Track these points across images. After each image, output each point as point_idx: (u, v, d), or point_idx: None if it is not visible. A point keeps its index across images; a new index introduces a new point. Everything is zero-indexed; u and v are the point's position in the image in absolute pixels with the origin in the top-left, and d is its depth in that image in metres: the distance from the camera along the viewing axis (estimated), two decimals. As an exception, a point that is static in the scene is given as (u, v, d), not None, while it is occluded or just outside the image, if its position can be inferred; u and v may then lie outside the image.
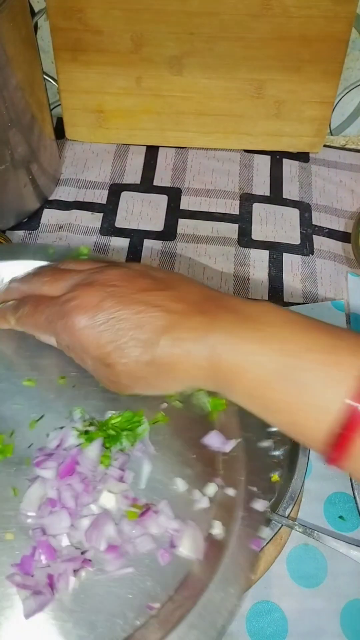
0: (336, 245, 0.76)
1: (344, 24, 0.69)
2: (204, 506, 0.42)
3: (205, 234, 0.76)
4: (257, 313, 0.37)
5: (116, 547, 0.40)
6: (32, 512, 0.41)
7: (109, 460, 0.42)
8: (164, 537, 0.40)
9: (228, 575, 0.38)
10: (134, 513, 0.41)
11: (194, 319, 0.37)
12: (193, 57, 0.73)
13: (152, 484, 0.43)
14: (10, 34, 0.58)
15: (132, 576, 0.39)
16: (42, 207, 0.77)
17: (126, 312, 0.38)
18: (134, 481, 0.42)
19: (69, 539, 0.40)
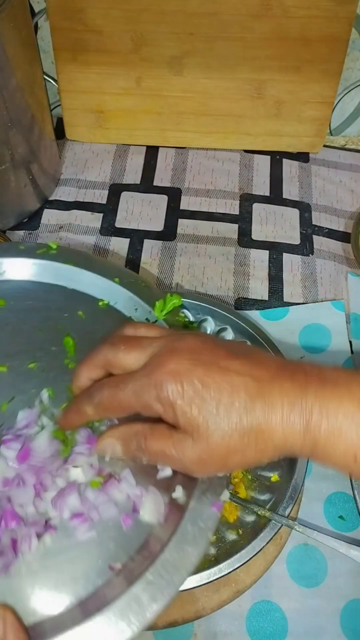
0: (336, 245, 0.76)
1: (344, 24, 0.69)
2: (167, 475, 0.43)
3: (205, 234, 0.76)
4: (338, 376, 0.38)
5: (80, 514, 0.42)
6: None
7: (68, 451, 0.44)
8: (127, 503, 0.43)
9: (187, 535, 0.40)
10: (97, 482, 0.43)
11: (284, 385, 0.37)
12: (193, 57, 0.73)
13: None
14: (10, 34, 0.58)
15: (95, 540, 0.41)
16: (42, 207, 0.77)
17: (216, 380, 0.37)
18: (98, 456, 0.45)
19: (34, 508, 0.42)
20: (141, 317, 0.54)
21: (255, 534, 0.52)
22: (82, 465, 0.43)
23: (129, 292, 0.55)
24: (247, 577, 0.53)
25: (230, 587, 0.53)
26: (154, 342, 0.41)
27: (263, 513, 0.53)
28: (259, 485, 0.56)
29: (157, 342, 0.41)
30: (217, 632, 0.52)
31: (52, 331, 0.52)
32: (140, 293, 0.55)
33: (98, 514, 0.42)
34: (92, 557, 0.41)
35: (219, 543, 0.53)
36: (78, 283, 0.56)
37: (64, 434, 0.45)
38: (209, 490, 0.42)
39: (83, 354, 0.48)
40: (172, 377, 0.37)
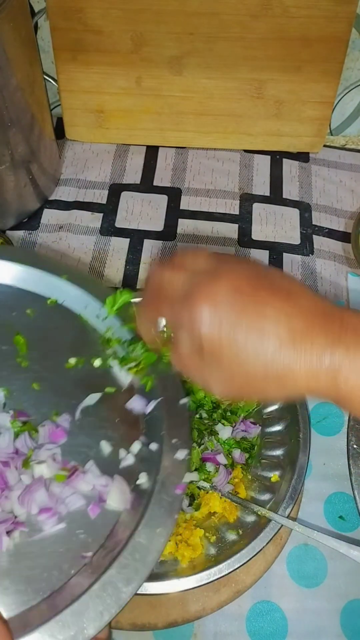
0: (336, 245, 0.76)
1: (344, 24, 0.69)
2: (129, 463, 0.45)
3: (205, 234, 0.76)
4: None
5: (48, 508, 0.43)
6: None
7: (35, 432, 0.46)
8: (93, 493, 0.44)
9: (154, 518, 0.42)
10: (62, 476, 0.44)
11: (316, 338, 0.37)
12: (193, 57, 0.73)
13: (79, 449, 0.46)
14: (10, 34, 0.58)
15: (65, 532, 0.42)
16: (42, 207, 0.77)
17: (251, 313, 0.37)
18: (62, 447, 0.46)
19: (0, 507, 0.43)
20: (91, 314, 0.54)
21: (255, 534, 0.52)
22: (46, 460, 0.44)
23: (78, 289, 0.55)
24: (247, 577, 0.53)
25: (230, 587, 0.53)
26: (198, 266, 0.41)
27: (263, 513, 0.53)
28: (259, 485, 0.56)
29: (201, 266, 0.41)
30: (217, 632, 0.52)
31: (1, 330, 0.52)
32: (90, 290, 0.55)
33: (66, 507, 0.43)
34: (64, 549, 0.42)
35: (219, 543, 0.53)
36: (25, 281, 0.56)
37: (23, 428, 0.46)
38: (173, 475, 0.44)
39: (34, 352, 0.50)
40: (207, 298, 0.37)
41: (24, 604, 0.39)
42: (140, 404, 0.49)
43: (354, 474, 0.58)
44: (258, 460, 0.57)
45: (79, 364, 0.51)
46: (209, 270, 0.40)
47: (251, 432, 0.58)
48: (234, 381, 0.39)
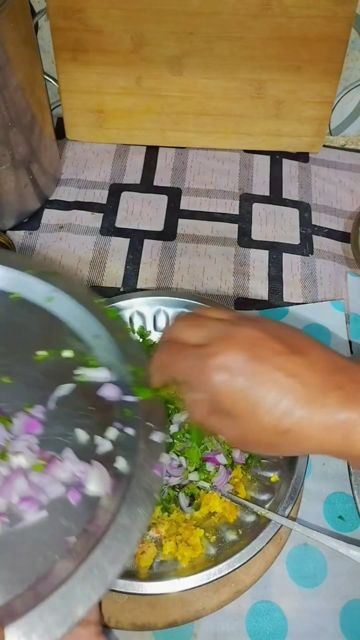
0: (336, 245, 0.76)
1: (343, 24, 0.69)
2: (106, 449, 0.46)
3: (205, 234, 0.76)
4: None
5: (29, 497, 0.43)
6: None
7: (10, 424, 0.46)
8: (73, 480, 0.44)
9: (135, 499, 0.42)
10: (40, 465, 0.44)
11: (331, 395, 0.37)
12: (193, 57, 0.73)
13: (55, 438, 0.46)
14: (10, 34, 0.58)
15: (46, 520, 0.43)
16: (43, 207, 0.77)
17: (265, 377, 0.38)
18: (38, 437, 0.46)
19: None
20: (57, 308, 0.54)
21: (255, 534, 0.52)
22: (22, 450, 0.45)
23: (42, 283, 0.55)
24: (247, 577, 0.53)
25: (230, 587, 0.53)
26: (215, 324, 0.42)
27: (263, 513, 0.53)
28: (259, 485, 0.56)
29: (217, 324, 0.41)
30: (217, 632, 0.53)
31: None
32: (56, 283, 0.55)
33: (46, 495, 0.43)
34: (46, 536, 0.42)
35: (219, 543, 0.53)
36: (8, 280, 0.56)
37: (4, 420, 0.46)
38: (150, 456, 0.45)
39: (2, 347, 0.51)
40: (221, 369, 0.38)
41: (8, 592, 0.39)
42: (113, 391, 0.49)
43: (354, 474, 0.58)
44: (258, 460, 0.57)
45: (50, 356, 0.51)
46: (225, 330, 0.41)
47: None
48: (249, 437, 0.39)
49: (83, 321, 0.54)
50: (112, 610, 0.52)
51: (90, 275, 0.72)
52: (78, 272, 0.72)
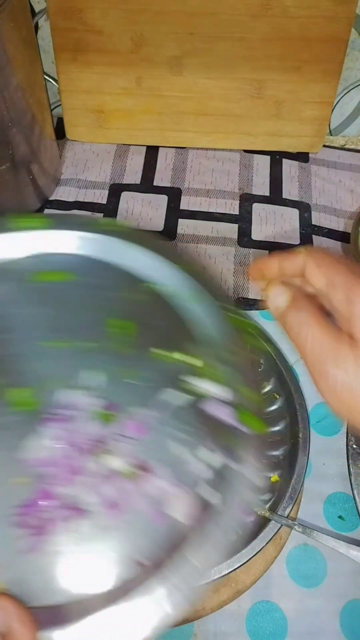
0: (336, 245, 0.76)
1: (343, 24, 0.69)
2: (204, 475, 0.43)
3: (205, 234, 0.76)
4: None
5: (113, 502, 0.42)
6: (35, 463, 0.43)
7: (111, 421, 0.44)
8: (159, 498, 0.42)
9: (212, 538, 0.40)
10: (131, 473, 0.42)
11: None
12: (193, 57, 0.73)
13: (156, 450, 0.44)
14: (10, 34, 0.58)
15: (123, 531, 0.41)
16: (43, 207, 0.77)
17: None
18: (138, 445, 0.44)
19: (67, 490, 0.42)
20: (187, 306, 0.51)
21: (255, 534, 0.52)
22: (120, 454, 0.43)
23: (187, 277, 0.52)
24: (247, 578, 0.53)
25: (230, 587, 0.53)
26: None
27: (263, 513, 0.53)
28: (258, 485, 0.56)
29: None
30: (217, 632, 0.53)
31: (116, 313, 0.50)
32: (200, 280, 0.52)
33: (130, 506, 0.42)
34: (119, 548, 0.41)
35: (219, 543, 0.53)
36: (151, 269, 0.53)
37: (109, 416, 0.44)
38: (241, 496, 0.41)
39: (144, 340, 0.47)
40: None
41: (71, 594, 0.38)
42: (225, 412, 0.45)
43: (354, 474, 0.58)
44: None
45: (166, 357, 0.47)
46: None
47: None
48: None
49: (210, 326, 0.49)
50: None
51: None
52: (78, 272, 0.72)
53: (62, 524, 0.40)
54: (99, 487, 0.42)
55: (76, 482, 0.42)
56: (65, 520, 0.41)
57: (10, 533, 0.41)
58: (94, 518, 0.41)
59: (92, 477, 0.42)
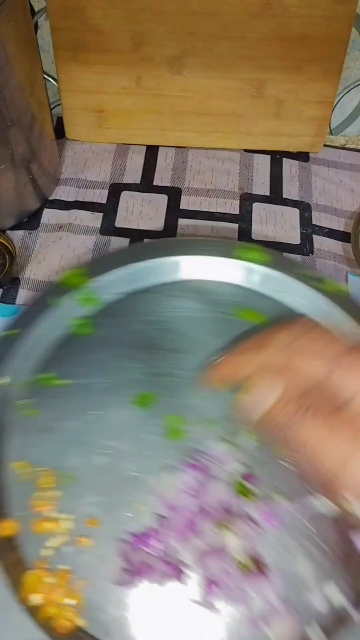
0: (336, 245, 0.76)
1: (344, 23, 0.69)
2: (318, 607, 0.39)
3: (205, 234, 0.76)
4: None
5: (212, 581, 0.39)
6: (161, 499, 0.42)
7: (249, 498, 0.41)
8: (262, 608, 0.39)
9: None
10: (247, 566, 0.39)
11: None
12: (193, 56, 0.73)
13: (281, 552, 0.40)
14: (10, 33, 0.58)
15: (211, 616, 0.39)
16: (42, 207, 0.77)
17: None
18: (263, 537, 0.40)
19: (176, 546, 0.40)
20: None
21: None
22: (241, 535, 0.40)
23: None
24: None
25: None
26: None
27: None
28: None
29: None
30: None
31: None
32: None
33: (227, 595, 0.39)
34: (199, 630, 0.39)
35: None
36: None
37: (246, 491, 0.41)
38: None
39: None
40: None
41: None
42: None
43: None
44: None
45: None
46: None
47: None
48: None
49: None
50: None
51: None
52: (78, 272, 0.72)
53: (156, 576, 0.39)
54: (206, 557, 0.39)
55: (187, 541, 0.39)
56: (160, 574, 0.39)
57: (110, 554, 0.40)
58: (186, 586, 0.39)
59: (203, 544, 0.39)
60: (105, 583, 0.40)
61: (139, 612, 0.39)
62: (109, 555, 0.41)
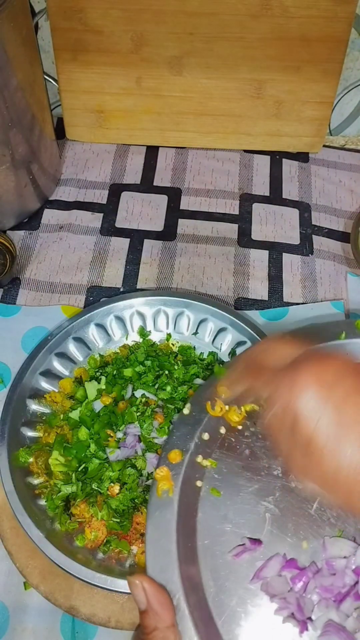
0: (335, 245, 0.76)
1: (343, 24, 0.69)
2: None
3: (205, 234, 0.76)
4: None
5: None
6: (329, 557, 0.42)
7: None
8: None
9: None
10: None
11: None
12: (193, 57, 0.73)
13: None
14: (10, 34, 0.58)
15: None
16: (43, 207, 0.77)
17: (353, 411, 0.33)
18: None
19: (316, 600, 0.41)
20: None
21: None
22: (318, 604, 0.41)
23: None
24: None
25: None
26: (308, 346, 0.39)
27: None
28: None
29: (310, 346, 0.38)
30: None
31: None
32: None
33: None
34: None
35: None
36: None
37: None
38: None
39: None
40: (314, 379, 0.35)
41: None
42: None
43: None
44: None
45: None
46: (320, 350, 0.38)
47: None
48: (318, 469, 0.35)
49: None
50: (112, 610, 0.52)
51: (90, 275, 0.72)
52: (78, 272, 0.72)
53: (284, 610, 0.40)
54: (332, 629, 0.40)
55: (326, 603, 0.41)
56: (287, 611, 0.40)
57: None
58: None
59: (337, 617, 0.40)
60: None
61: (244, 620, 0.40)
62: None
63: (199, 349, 0.65)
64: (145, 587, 0.39)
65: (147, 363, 0.62)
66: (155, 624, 0.38)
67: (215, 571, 0.42)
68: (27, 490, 0.55)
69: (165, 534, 0.43)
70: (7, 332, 0.67)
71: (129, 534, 0.54)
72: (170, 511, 0.44)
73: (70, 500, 0.55)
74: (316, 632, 0.40)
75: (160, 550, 0.42)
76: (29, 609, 0.54)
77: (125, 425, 0.57)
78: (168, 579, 0.40)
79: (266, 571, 0.42)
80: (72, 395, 0.61)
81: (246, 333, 0.62)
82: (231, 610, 0.41)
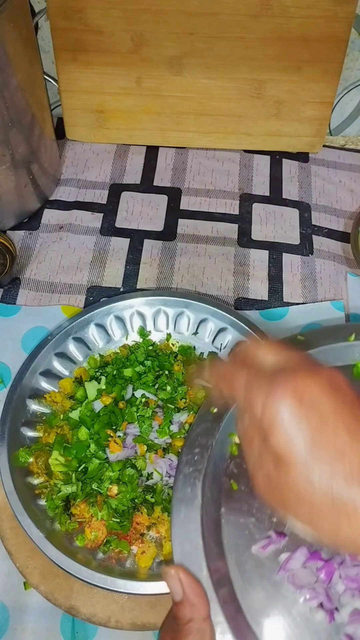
0: (335, 246, 0.76)
1: (343, 24, 0.69)
2: None
3: (205, 234, 0.76)
4: None
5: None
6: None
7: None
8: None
9: None
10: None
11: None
12: (193, 57, 0.73)
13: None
14: (10, 34, 0.58)
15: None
16: (43, 207, 0.77)
17: (330, 432, 0.32)
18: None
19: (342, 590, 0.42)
20: None
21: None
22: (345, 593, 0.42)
23: None
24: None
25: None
26: (295, 353, 0.37)
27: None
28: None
29: (298, 354, 0.37)
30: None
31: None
32: None
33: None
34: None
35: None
36: None
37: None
38: None
39: None
40: (293, 390, 0.33)
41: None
42: None
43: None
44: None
45: None
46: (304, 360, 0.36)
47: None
48: (281, 488, 0.34)
49: None
50: (112, 610, 0.53)
51: (90, 275, 0.72)
52: (78, 272, 0.72)
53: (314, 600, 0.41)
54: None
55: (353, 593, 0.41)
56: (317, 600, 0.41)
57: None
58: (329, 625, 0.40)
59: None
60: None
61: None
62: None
63: (199, 349, 0.65)
64: (182, 577, 0.39)
65: (147, 363, 0.62)
66: (192, 615, 0.38)
67: (241, 565, 0.43)
68: (27, 490, 0.55)
69: (191, 529, 0.44)
70: (7, 332, 0.67)
71: (128, 534, 0.54)
72: (194, 506, 0.45)
73: (70, 500, 0.55)
74: (343, 621, 0.41)
75: (187, 545, 0.43)
76: (29, 609, 0.54)
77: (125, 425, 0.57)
78: (196, 573, 0.41)
79: (292, 563, 0.42)
80: (72, 395, 0.61)
81: (246, 333, 0.62)
82: (259, 602, 0.41)
